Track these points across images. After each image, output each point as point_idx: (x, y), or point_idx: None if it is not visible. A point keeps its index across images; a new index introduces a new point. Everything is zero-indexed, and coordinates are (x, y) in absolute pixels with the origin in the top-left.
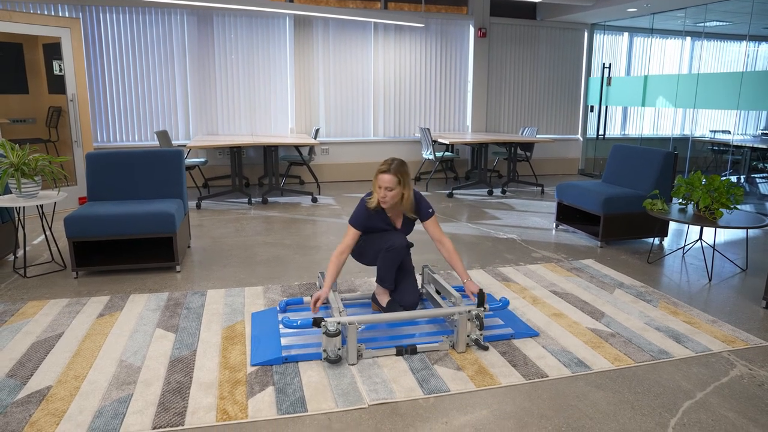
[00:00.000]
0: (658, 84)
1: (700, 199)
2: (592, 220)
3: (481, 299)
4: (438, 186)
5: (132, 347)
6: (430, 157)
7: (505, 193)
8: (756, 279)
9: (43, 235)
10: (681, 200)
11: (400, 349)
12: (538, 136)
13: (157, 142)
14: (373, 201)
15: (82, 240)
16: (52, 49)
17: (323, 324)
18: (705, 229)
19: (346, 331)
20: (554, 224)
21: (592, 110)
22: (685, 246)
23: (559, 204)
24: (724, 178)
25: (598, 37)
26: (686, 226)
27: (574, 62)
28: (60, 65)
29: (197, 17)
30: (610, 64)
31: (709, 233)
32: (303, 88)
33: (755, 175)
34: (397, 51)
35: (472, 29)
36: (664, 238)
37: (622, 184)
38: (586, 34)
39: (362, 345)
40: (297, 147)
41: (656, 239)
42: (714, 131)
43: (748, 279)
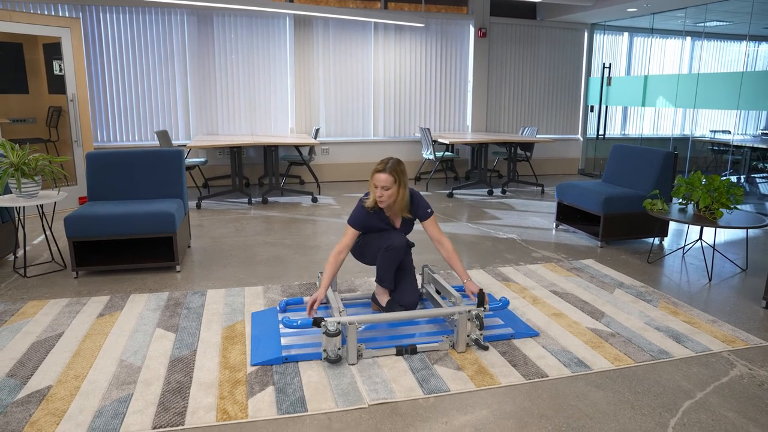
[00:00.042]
0: (658, 84)
1: (700, 199)
2: (592, 220)
3: (481, 299)
4: (438, 186)
5: (132, 347)
6: (430, 157)
7: (505, 193)
8: (756, 279)
9: (43, 234)
10: (681, 200)
11: (400, 349)
12: (538, 136)
13: (157, 141)
14: (369, 201)
15: (82, 240)
16: (52, 49)
17: (323, 324)
18: (705, 229)
19: (346, 330)
20: (554, 224)
21: (592, 110)
22: (685, 246)
23: (559, 204)
24: (724, 178)
25: (598, 37)
26: (686, 226)
27: (574, 62)
28: (60, 65)
29: (197, 17)
30: (610, 64)
31: (709, 233)
32: (303, 88)
33: (755, 175)
34: (397, 51)
35: (472, 29)
36: (664, 238)
37: (622, 184)
38: (586, 34)
39: (362, 345)
40: (297, 147)
41: (656, 239)
42: (714, 131)
43: (748, 279)
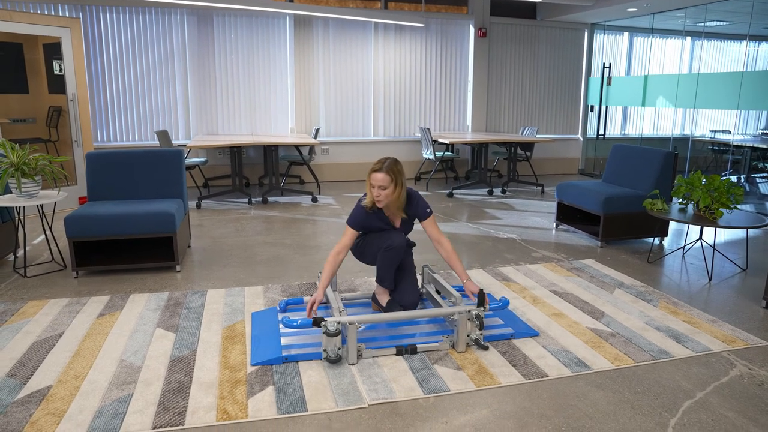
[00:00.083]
0: (658, 84)
1: (700, 199)
2: (592, 219)
3: (481, 299)
4: (438, 186)
5: (132, 347)
6: (430, 156)
7: (505, 193)
8: (756, 279)
9: (43, 234)
10: (681, 200)
11: (400, 349)
12: (538, 135)
13: (157, 141)
14: (367, 200)
15: (82, 240)
16: (53, 49)
17: (323, 324)
18: (705, 228)
19: (346, 330)
20: (554, 224)
21: (592, 110)
22: (685, 246)
23: (559, 204)
24: (724, 178)
25: (598, 37)
26: (686, 225)
27: (574, 62)
28: (60, 65)
29: (197, 17)
30: (610, 64)
31: (709, 233)
32: (303, 87)
33: (755, 175)
34: (397, 51)
35: (472, 29)
36: (664, 238)
37: (622, 183)
38: (586, 33)
39: (362, 345)
40: (297, 147)
41: (656, 239)
42: (714, 131)
43: (748, 279)
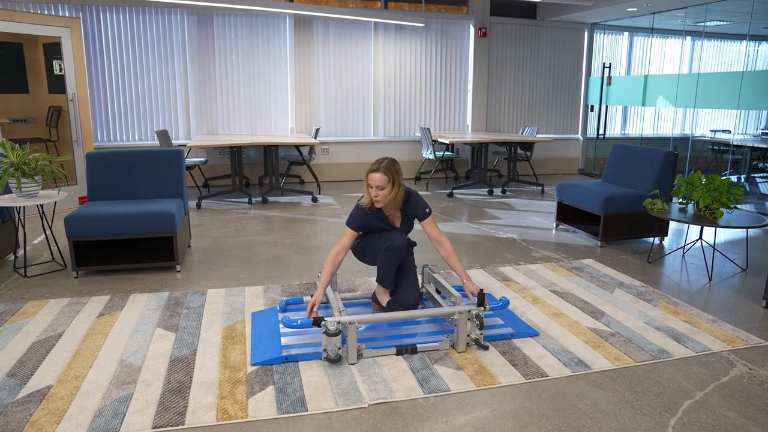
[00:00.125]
0: (659, 84)
1: (701, 199)
2: (592, 219)
3: (481, 299)
4: (438, 186)
5: (132, 347)
6: (430, 156)
7: (505, 193)
8: (756, 279)
9: (44, 234)
10: (681, 200)
11: (400, 349)
12: (538, 135)
13: (157, 141)
14: (365, 201)
15: (82, 239)
16: (53, 49)
17: (323, 323)
18: (705, 228)
19: (346, 330)
20: (554, 224)
21: (592, 110)
22: (685, 246)
23: (559, 203)
24: (724, 178)
25: (598, 37)
26: (686, 225)
27: (575, 62)
28: (60, 65)
29: (197, 17)
30: (610, 64)
31: (709, 233)
32: (303, 87)
33: (755, 175)
34: (397, 51)
35: (472, 29)
36: (665, 238)
37: (622, 183)
38: (586, 33)
39: (362, 344)
40: (297, 146)
41: (656, 239)
42: (714, 131)
43: (749, 279)
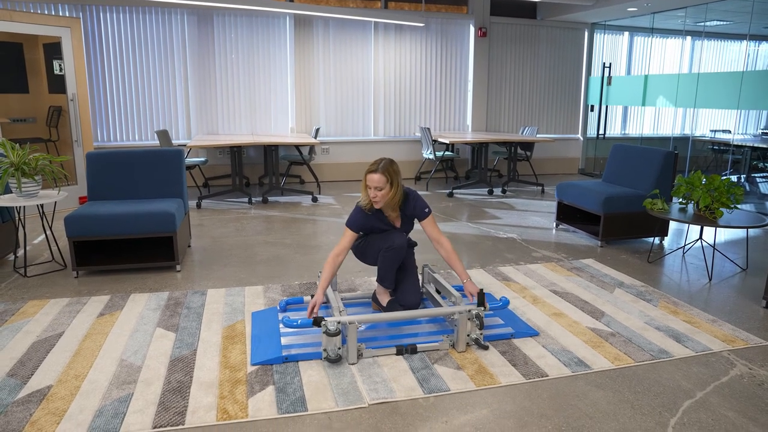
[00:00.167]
0: (659, 83)
1: (701, 199)
2: (592, 219)
3: (480, 300)
4: (438, 185)
5: (132, 347)
6: (430, 156)
7: (505, 193)
8: (756, 278)
9: (44, 234)
10: (681, 200)
11: (400, 349)
12: (538, 135)
13: (157, 141)
14: (363, 202)
15: (82, 239)
16: (53, 49)
17: (323, 323)
18: (705, 228)
19: (346, 330)
20: (554, 224)
21: (592, 110)
22: (685, 245)
23: (559, 203)
24: (725, 178)
25: (598, 37)
26: (686, 225)
27: (575, 62)
28: (60, 65)
29: (197, 17)
30: (610, 64)
31: (709, 233)
32: (303, 87)
33: (755, 175)
34: (397, 50)
35: (472, 29)
36: (665, 238)
37: (622, 183)
38: (586, 33)
39: (362, 344)
40: (297, 146)
41: (656, 239)
42: (714, 131)
43: (749, 278)
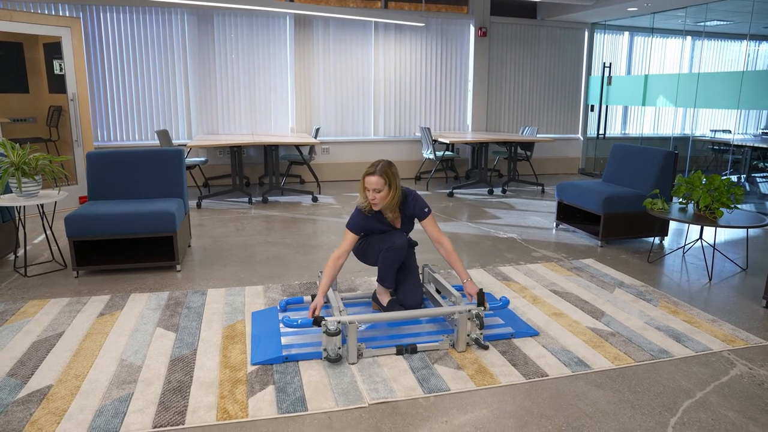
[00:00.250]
0: (659, 83)
1: (701, 199)
2: (592, 219)
3: (480, 300)
4: (438, 185)
5: (132, 346)
6: (430, 156)
7: (505, 193)
8: (756, 278)
9: (44, 234)
10: (681, 200)
11: (400, 349)
12: (538, 135)
13: (157, 141)
14: (362, 203)
15: (82, 239)
16: (53, 49)
17: (323, 323)
18: (705, 228)
19: (347, 330)
20: (554, 223)
21: (592, 109)
22: (685, 245)
23: (559, 203)
24: (725, 178)
25: (598, 37)
26: (686, 225)
27: (575, 61)
28: (60, 64)
29: (197, 17)
30: (610, 64)
31: (709, 233)
32: (303, 87)
33: (755, 175)
34: (397, 50)
35: (472, 28)
36: (665, 238)
37: (622, 183)
38: (586, 33)
39: (362, 344)
40: (297, 146)
41: (656, 239)
42: (714, 131)
43: (749, 278)
